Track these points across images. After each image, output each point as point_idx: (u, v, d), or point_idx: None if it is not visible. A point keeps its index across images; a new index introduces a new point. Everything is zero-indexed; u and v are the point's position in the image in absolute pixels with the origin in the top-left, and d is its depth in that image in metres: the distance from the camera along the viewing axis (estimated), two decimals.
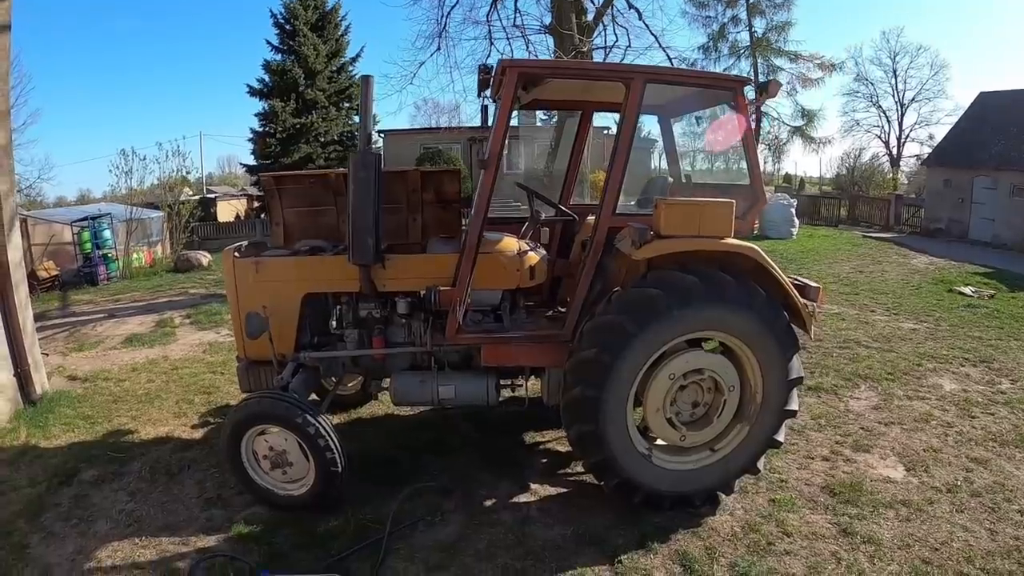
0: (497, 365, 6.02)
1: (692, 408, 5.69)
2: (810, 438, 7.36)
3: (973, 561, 5.24)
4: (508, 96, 5.49)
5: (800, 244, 26.30)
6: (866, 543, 5.42)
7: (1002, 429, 7.93)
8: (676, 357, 5.45)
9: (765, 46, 41.46)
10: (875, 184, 51.01)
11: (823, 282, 16.62)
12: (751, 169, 5.91)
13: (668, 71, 6.72)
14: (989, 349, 11.51)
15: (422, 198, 6.95)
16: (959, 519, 5.87)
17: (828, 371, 9.73)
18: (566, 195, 7.62)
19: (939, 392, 9.10)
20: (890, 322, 13.27)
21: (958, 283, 18.08)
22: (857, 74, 63.38)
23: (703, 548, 5.29)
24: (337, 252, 6.16)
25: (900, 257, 23.84)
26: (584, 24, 22.25)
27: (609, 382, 5.24)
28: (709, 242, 5.26)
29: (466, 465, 6.54)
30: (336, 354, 6.14)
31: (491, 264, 5.85)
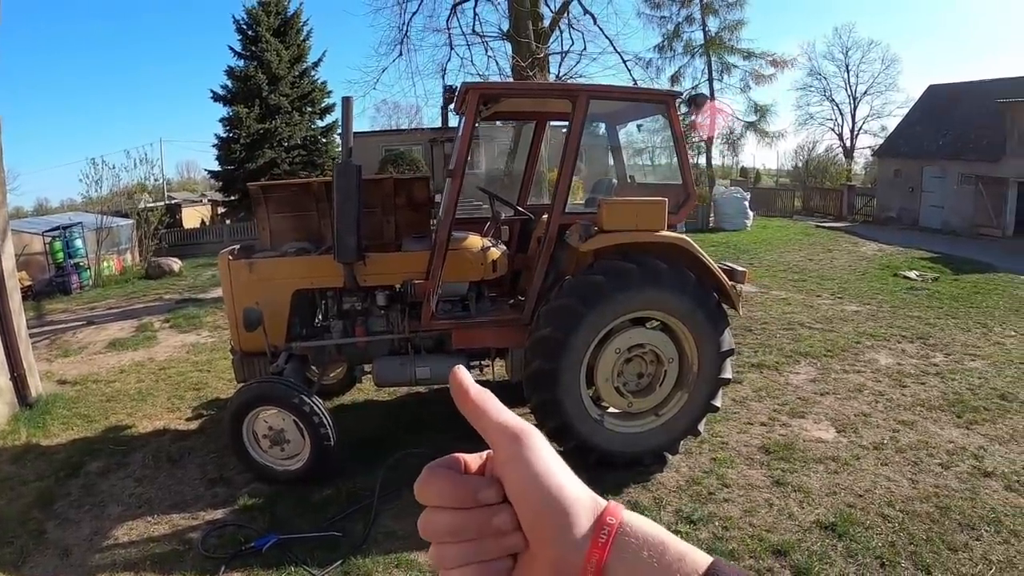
0: (466, 347, 6.79)
1: (638, 378, 6.48)
2: (750, 407, 8.17)
3: (894, 505, 6.00)
4: (471, 114, 6.33)
5: (754, 235, 27.08)
6: (796, 491, 6.20)
7: (931, 396, 8.76)
8: (621, 334, 6.27)
9: (719, 45, 42.13)
10: (830, 175, 51.89)
11: (773, 270, 17.60)
12: (682, 170, 6.79)
13: (609, 89, 7.50)
14: (927, 327, 12.35)
15: (395, 202, 7.63)
16: (883, 471, 6.66)
17: (772, 350, 10.54)
18: (523, 196, 8.38)
19: (874, 366, 9.91)
20: (834, 305, 14.11)
21: (904, 268, 18.92)
22: (810, 69, 64.42)
23: (652, 499, 6.06)
24: (322, 252, 6.81)
25: (850, 245, 24.66)
26: (540, 30, 22.70)
27: (563, 357, 6.05)
28: (645, 235, 6.12)
29: (443, 439, 7.07)
30: (323, 343, 6.76)
31: (458, 259, 6.54)
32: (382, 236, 7.57)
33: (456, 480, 0.75)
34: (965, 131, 33.17)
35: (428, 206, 7.87)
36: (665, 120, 6.87)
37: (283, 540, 5.40)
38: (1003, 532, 5.66)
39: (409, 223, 7.68)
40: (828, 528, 5.63)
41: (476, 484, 0.74)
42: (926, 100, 39.13)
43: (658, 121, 7.63)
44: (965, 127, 33.36)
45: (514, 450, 0.72)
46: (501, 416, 0.75)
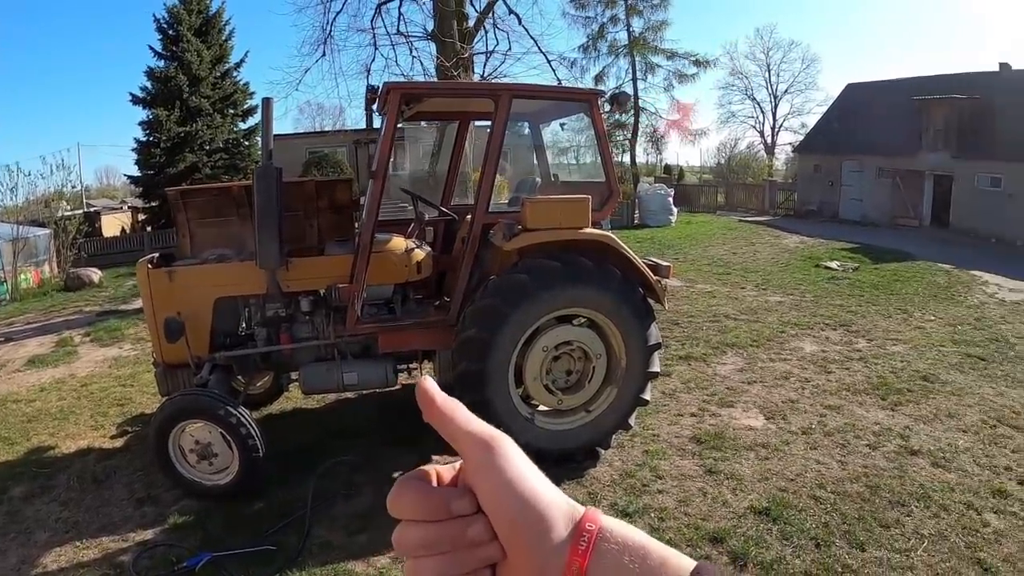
0: (393, 350, 6.71)
1: (566, 375, 6.50)
2: (680, 399, 8.29)
3: (825, 487, 6.18)
4: (392, 115, 6.27)
5: (678, 231, 27.48)
6: (729, 479, 6.32)
7: (855, 380, 9.06)
8: (548, 332, 6.29)
9: (643, 45, 42.73)
10: (752, 171, 52.91)
11: (698, 264, 17.83)
12: (606, 168, 6.86)
13: (531, 87, 7.53)
14: (849, 315, 12.72)
15: (318, 205, 7.52)
16: (813, 455, 6.86)
17: (699, 342, 10.70)
18: (447, 196, 8.37)
19: (800, 354, 10.15)
20: (758, 296, 14.42)
21: (825, 259, 19.46)
22: (732, 69, 66.50)
23: (586, 494, 6.09)
24: (244, 258, 6.65)
25: (773, 238, 25.24)
26: (465, 30, 22.59)
27: (491, 357, 6.04)
28: (569, 232, 6.15)
29: (373, 444, 7.13)
30: (248, 352, 6.61)
31: (382, 262, 6.46)
32: (305, 240, 7.44)
33: (427, 492, 0.74)
34: (882, 127, 34.34)
35: (351, 209, 7.76)
36: (588, 119, 6.92)
37: (216, 558, 5.26)
38: (933, 507, 5.88)
39: (332, 226, 7.57)
40: (762, 513, 5.75)
41: (448, 495, 0.73)
42: (844, 98, 40.64)
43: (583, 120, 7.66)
44: (882, 123, 34.53)
45: (485, 458, 0.71)
46: (470, 424, 0.73)
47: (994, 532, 5.64)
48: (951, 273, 18.71)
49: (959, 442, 7.28)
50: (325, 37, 23.22)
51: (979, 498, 6.12)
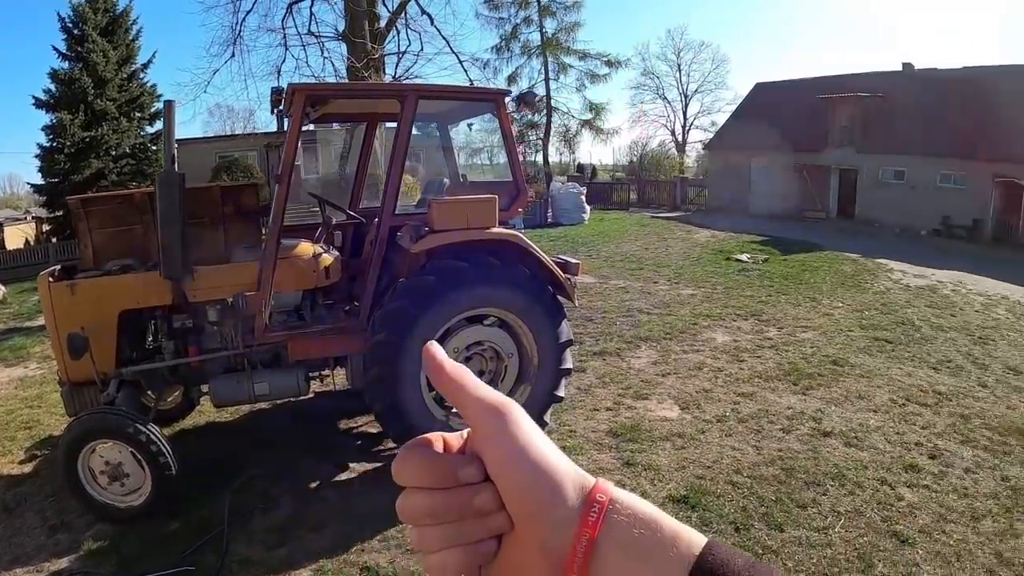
0: (304, 358, 6.58)
1: (479, 376, 6.37)
2: (595, 394, 8.35)
3: (741, 472, 6.34)
4: (297, 117, 6.13)
5: (591, 228, 27.69)
6: (647, 470, 6.40)
7: (767, 368, 9.31)
8: (458, 333, 6.27)
9: (555, 46, 42.95)
10: (663, 169, 53.73)
11: (611, 261, 17.98)
12: (513, 168, 6.88)
13: (437, 88, 7.51)
14: (760, 305, 13.04)
15: (223, 212, 7.37)
16: (728, 442, 7.02)
17: (612, 337, 10.80)
18: (355, 199, 8.25)
19: (712, 344, 10.34)
20: (671, 290, 14.65)
21: (736, 252, 19.90)
22: (644, 69, 67.56)
23: None
24: (148, 268, 6.45)
25: (684, 233, 25.70)
26: (377, 31, 22.31)
27: (401, 360, 5.98)
28: (477, 233, 6.13)
29: (289, 455, 7.00)
30: (156, 366, 6.39)
31: (289, 268, 6.34)
32: (210, 248, 7.25)
33: (434, 459, 0.72)
34: (790, 124, 35.45)
35: (259, 214, 7.63)
36: (495, 118, 6.92)
37: None
38: (847, 485, 6.11)
39: (239, 233, 7.42)
40: (681, 501, 5.84)
41: (455, 463, 0.70)
42: (753, 96, 42.24)
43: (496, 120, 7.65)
44: (789, 121, 35.66)
45: (495, 425, 0.70)
46: (479, 391, 0.72)
47: (908, 505, 5.91)
48: (857, 262, 19.39)
49: (870, 422, 7.55)
50: (235, 37, 22.50)
51: (892, 474, 6.38)
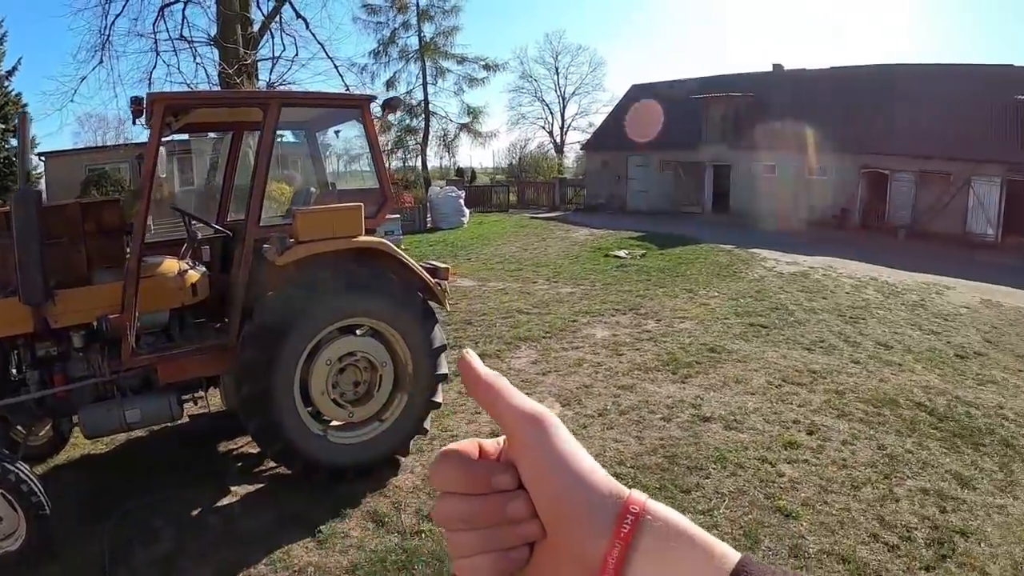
0: (175, 380, 6.31)
1: (354, 387, 6.37)
2: None
3: (624, 463, 6.47)
4: (156, 127, 5.91)
5: (471, 231, 27.69)
6: None
7: (646, 359, 9.50)
8: (330, 345, 6.14)
9: (433, 50, 43.23)
10: (542, 170, 54.34)
11: (490, 263, 18.04)
12: (379, 174, 6.83)
13: (300, 95, 7.39)
14: (638, 299, 13.32)
15: (84, 230, 7.03)
16: (610, 434, 7.14)
17: (492, 339, 10.82)
18: (223, 212, 8.00)
19: (592, 340, 10.48)
20: (550, 289, 14.81)
21: (614, 248, 20.28)
22: (522, 72, 68.23)
23: (390, 504, 6.03)
24: (7, 294, 6.02)
25: (563, 232, 26.06)
26: (250, 35, 21.75)
27: (273, 376, 5.85)
28: (343, 242, 6.03)
29: (169, 483, 6.71)
30: (21, 399, 5.95)
31: (154, 287, 6.12)
32: (72, 270, 6.89)
33: (469, 465, 0.73)
34: (665, 124, 37.22)
35: (123, 231, 7.32)
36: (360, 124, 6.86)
37: None
38: (729, 466, 6.31)
39: (102, 252, 7.03)
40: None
41: (490, 469, 0.71)
42: (629, 97, 43.77)
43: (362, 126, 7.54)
44: (665, 120, 37.37)
45: (531, 435, 0.70)
46: (516, 400, 0.72)
47: (790, 481, 6.16)
48: (732, 252, 20.02)
49: (748, 404, 7.78)
50: (103, 42, 21.65)
51: (772, 452, 6.61)
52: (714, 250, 20.68)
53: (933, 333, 12.37)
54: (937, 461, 6.96)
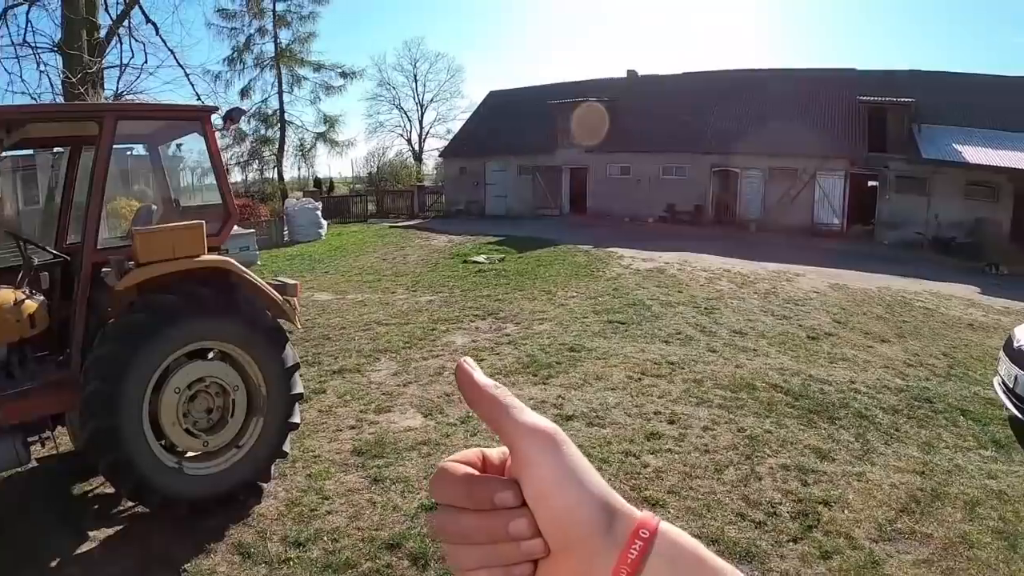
0: (19, 422, 5.81)
1: (207, 414, 6.03)
2: (337, 414, 8.11)
3: None
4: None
5: (329, 243, 27.12)
6: (396, 483, 6.32)
7: (507, 363, 9.54)
8: (178, 372, 5.78)
9: (289, 57, 42.57)
10: (401, 178, 54.12)
11: (349, 275, 17.82)
12: (221, 189, 6.55)
13: (137, 107, 7.09)
14: (497, 303, 13.36)
15: None
16: (474, 442, 7.11)
17: (351, 353, 10.56)
18: (62, 234, 7.49)
19: (452, 348, 10.45)
20: (409, 299, 14.69)
21: (473, 254, 20.35)
22: (380, 80, 68.08)
23: (255, 533, 5.75)
24: None
25: (422, 240, 25.91)
26: (96, 42, 20.49)
27: (119, 409, 5.46)
28: (185, 262, 5.73)
29: (22, 534, 6.27)
30: None
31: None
32: None
33: (470, 481, 0.70)
34: (522, 129, 38.23)
35: None
36: (202, 138, 6.55)
37: None
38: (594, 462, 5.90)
39: None
40: (433, 509, 5.62)
41: (492, 486, 0.68)
42: (487, 104, 45.19)
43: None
44: (522, 125, 38.43)
45: (537, 452, 0.67)
46: (522, 415, 0.69)
47: (655, 471, 6.31)
48: (590, 253, 20.40)
49: (609, 400, 7.90)
50: None
51: (635, 444, 6.73)
52: (572, 251, 21.07)
53: (785, 318, 12.91)
54: (796, 438, 7.29)
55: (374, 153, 65.09)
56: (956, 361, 10.93)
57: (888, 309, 14.79)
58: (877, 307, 14.92)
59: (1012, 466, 7.11)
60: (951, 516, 6.00)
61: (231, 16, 42.18)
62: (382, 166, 59.44)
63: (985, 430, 7.96)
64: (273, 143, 45.28)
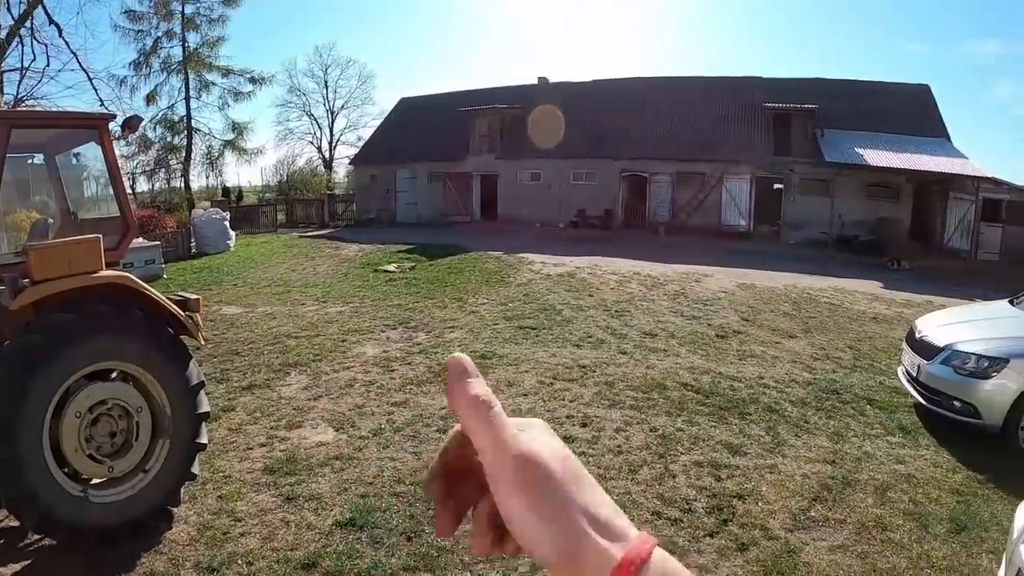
0: None
1: (111, 438, 5.75)
2: (247, 431, 7.88)
3: (403, 481, 6.39)
4: None
5: (238, 254, 26.41)
6: (309, 501, 6.17)
7: (418, 373, 9.47)
8: (78, 395, 5.49)
9: (197, 61, 41.70)
10: (312, 186, 53.52)
11: (257, 287, 17.52)
12: (119, 201, 6.31)
13: (32, 115, 6.83)
14: (408, 312, 13.31)
15: None
16: (387, 453, 7.03)
17: (261, 368, 10.28)
18: None
19: (362, 359, 10.32)
20: (319, 310, 14.46)
21: (383, 263, 20.24)
22: (291, 86, 66.48)
23: (167, 561, 5.54)
24: None
25: (333, 250, 25.55)
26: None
27: (18, 437, 5.17)
28: (83, 279, 5.47)
29: None
30: None
31: None
32: None
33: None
34: (433, 136, 38.68)
35: None
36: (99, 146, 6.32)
37: None
38: None
39: None
40: (348, 524, 5.74)
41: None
42: (398, 111, 45.41)
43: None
44: (433, 132, 38.86)
45: (510, 477, 0.64)
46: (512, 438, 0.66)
47: None
48: (500, 259, 20.49)
49: (522, 405, 7.94)
50: None
51: None
52: (482, 258, 21.14)
53: (694, 318, 13.15)
54: (708, 435, 7.44)
55: (284, 161, 64.27)
56: (861, 353, 11.34)
57: (795, 306, 15.23)
58: (784, 304, 15.36)
59: (919, 450, 7.46)
60: (863, 501, 6.24)
61: (138, 18, 41.10)
62: (292, 174, 58.71)
63: (891, 417, 8.32)
64: (180, 151, 44.36)
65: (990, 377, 7.58)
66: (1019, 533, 4.16)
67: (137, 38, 41.65)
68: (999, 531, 5.66)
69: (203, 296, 6.72)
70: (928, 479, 6.77)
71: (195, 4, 42.13)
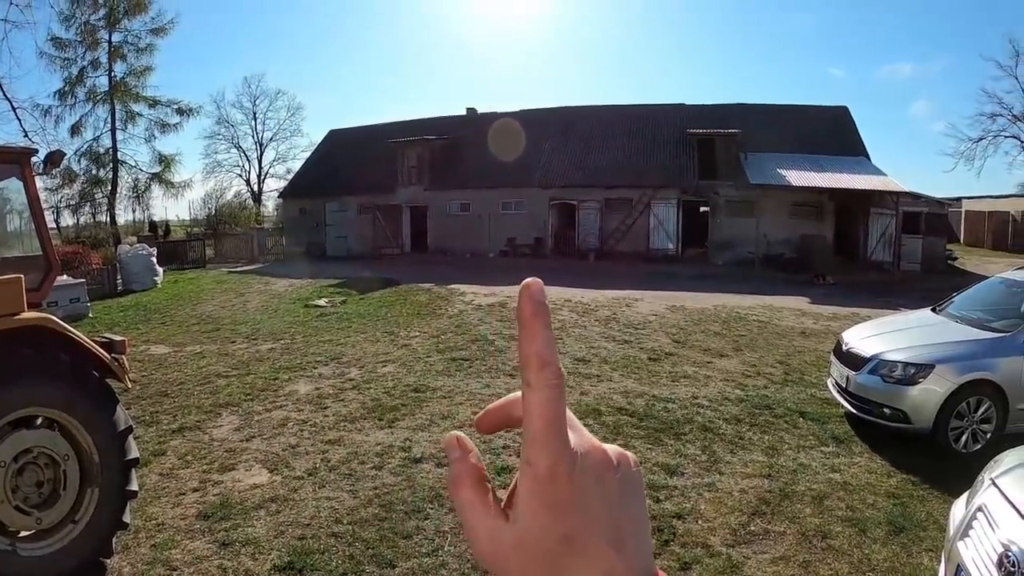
0: None
1: (38, 488, 5.53)
2: (179, 476, 7.65)
3: (341, 521, 6.27)
4: None
5: (165, 291, 25.81)
6: (246, 545, 6.02)
7: (351, 409, 9.39)
8: (2, 443, 5.26)
9: (124, 91, 41.00)
10: (241, 220, 52.86)
11: (186, 325, 17.24)
12: (41, 239, 6.13)
13: None
14: (339, 348, 13.22)
15: None
16: (323, 493, 6.91)
17: (191, 409, 9.98)
18: None
19: (295, 397, 10.18)
20: (249, 348, 14.20)
21: (314, 298, 20.13)
22: (219, 117, 66.27)
23: None
24: None
25: (262, 285, 25.27)
26: None
27: None
28: (3, 321, 5.25)
29: None
30: None
31: None
32: None
33: None
34: (362, 168, 38.81)
35: None
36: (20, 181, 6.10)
37: None
38: (446, 504, 6.33)
39: None
40: (286, 569, 5.63)
41: None
42: (327, 143, 45.68)
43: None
44: (362, 164, 39.01)
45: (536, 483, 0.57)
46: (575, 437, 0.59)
47: None
48: (431, 291, 20.55)
49: None
50: None
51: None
52: (413, 290, 21.19)
53: (626, 342, 13.27)
54: (644, 457, 7.51)
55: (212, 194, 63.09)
56: (791, 368, 11.64)
57: (724, 325, 15.53)
58: (714, 324, 15.65)
59: (853, 458, 7.72)
60: (801, 512, 6.40)
61: (65, 45, 40.15)
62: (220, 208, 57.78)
63: (824, 428, 8.57)
64: (105, 184, 43.42)
65: (917, 383, 7.90)
66: (955, 530, 4.27)
67: (63, 66, 40.80)
68: (937, 530, 5.89)
69: (130, 335, 6.60)
70: (864, 485, 6.99)
71: (123, 32, 41.59)
